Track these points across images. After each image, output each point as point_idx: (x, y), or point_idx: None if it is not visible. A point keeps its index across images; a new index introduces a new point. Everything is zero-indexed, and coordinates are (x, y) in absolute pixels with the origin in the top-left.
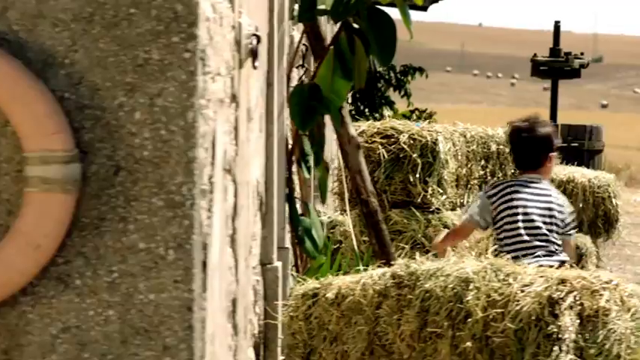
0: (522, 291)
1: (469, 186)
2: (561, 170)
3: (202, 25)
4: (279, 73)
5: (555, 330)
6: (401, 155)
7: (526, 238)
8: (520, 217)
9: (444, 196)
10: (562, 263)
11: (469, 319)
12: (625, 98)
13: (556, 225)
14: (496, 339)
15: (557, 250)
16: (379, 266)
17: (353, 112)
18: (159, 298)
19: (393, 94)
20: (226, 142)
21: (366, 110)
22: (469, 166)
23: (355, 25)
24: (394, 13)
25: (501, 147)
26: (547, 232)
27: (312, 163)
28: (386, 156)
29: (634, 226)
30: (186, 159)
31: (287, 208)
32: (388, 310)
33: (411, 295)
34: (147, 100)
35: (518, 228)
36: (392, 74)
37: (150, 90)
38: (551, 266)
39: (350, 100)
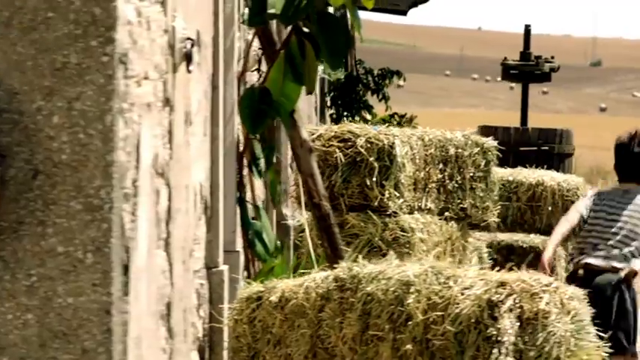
0: (462, 294)
1: (427, 189)
2: (531, 174)
3: (122, 29)
4: (228, 76)
5: (495, 333)
6: (358, 159)
7: (600, 240)
8: (604, 222)
9: (401, 200)
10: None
11: (410, 322)
12: (624, 102)
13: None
14: (436, 342)
15: (631, 256)
16: (323, 269)
17: (333, 117)
18: (77, 302)
19: (371, 99)
20: (158, 146)
21: (345, 114)
22: (427, 169)
23: (305, 30)
24: (377, 16)
25: (460, 150)
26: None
27: (263, 166)
28: (343, 160)
29: None
30: (104, 162)
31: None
32: (331, 314)
33: (353, 298)
34: (65, 103)
35: (599, 230)
36: (370, 78)
37: (68, 94)
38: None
39: (329, 104)
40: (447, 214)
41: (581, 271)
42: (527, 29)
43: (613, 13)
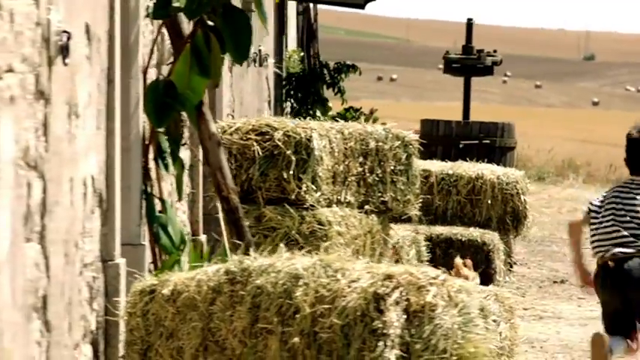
0: (349, 287)
1: (346, 183)
2: (471, 167)
3: None
4: (132, 70)
5: (380, 325)
6: (275, 152)
7: (618, 230)
8: (616, 212)
9: (319, 193)
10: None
11: (297, 315)
12: (616, 96)
13: None
14: (323, 335)
15: None
16: (216, 262)
17: (288, 111)
18: None
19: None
20: (28, 139)
21: (302, 109)
22: (347, 162)
23: (211, 23)
24: (371, 9)
25: (380, 144)
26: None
27: (169, 160)
28: (260, 153)
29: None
30: None
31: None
32: (221, 306)
33: (243, 291)
34: None
35: (613, 221)
36: (325, 72)
37: None
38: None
39: (285, 97)
40: (367, 207)
41: (611, 263)
42: (470, 23)
43: (607, 7)
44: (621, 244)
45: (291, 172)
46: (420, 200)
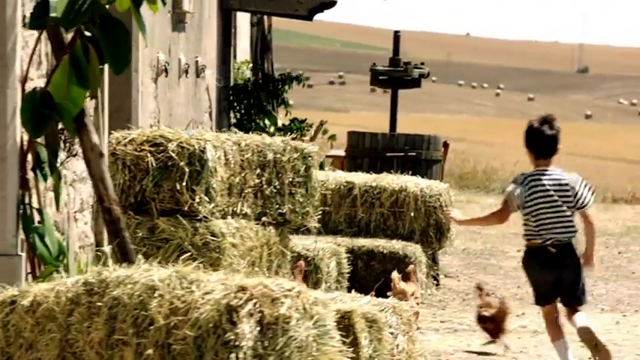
0: (203, 298)
1: (243, 194)
2: (394, 179)
3: None
4: (9, 79)
5: (233, 337)
6: (169, 163)
7: (549, 216)
8: (544, 199)
9: (212, 204)
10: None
11: (152, 327)
12: (609, 109)
13: (569, 201)
14: (177, 346)
15: (570, 222)
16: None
17: (232, 122)
18: None
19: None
20: None
21: (246, 120)
22: (243, 174)
23: (88, 33)
24: (363, 21)
25: (278, 156)
26: (564, 209)
27: (47, 170)
28: (154, 164)
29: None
30: None
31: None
32: (79, 318)
33: (101, 302)
34: None
35: (542, 208)
36: (270, 84)
37: None
38: (565, 241)
39: (229, 109)
40: (264, 219)
41: (553, 249)
42: (397, 36)
43: (601, 20)
44: (555, 231)
45: (185, 184)
46: (320, 212)
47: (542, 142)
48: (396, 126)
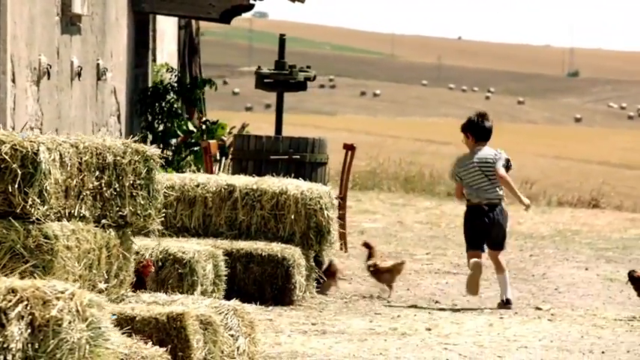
0: None
1: (81, 197)
2: (276, 182)
3: None
4: None
5: (1, 340)
6: (2, 166)
7: (480, 182)
8: (473, 170)
9: (46, 207)
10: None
11: None
12: (599, 112)
13: (491, 170)
14: None
15: (497, 187)
16: None
17: (143, 125)
18: None
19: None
20: None
21: (157, 122)
22: (81, 176)
23: None
24: (356, 25)
25: (118, 158)
26: (490, 177)
27: None
28: None
29: (430, 239)
30: None
31: None
32: None
33: None
34: None
35: (473, 177)
36: (181, 86)
37: None
38: (495, 199)
39: (138, 112)
40: (104, 221)
41: (486, 207)
42: (282, 39)
43: (592, 24)
44: (485, 194)
45: (17, 186)
46: (163, 214)
47: (481, 131)
48: (282, 129)
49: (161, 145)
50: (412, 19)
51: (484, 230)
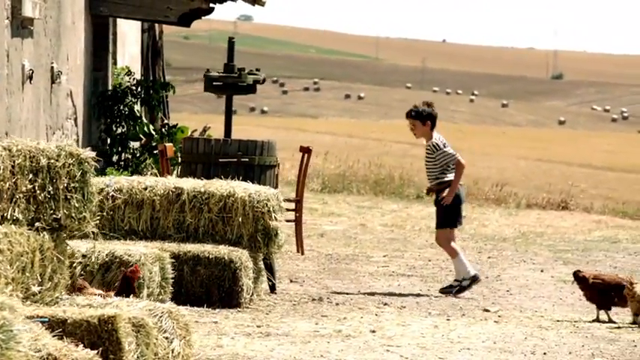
0: None
1: (14, 200)
2: (223, 185)
3: None
4: None
5: None
6: None
7: (427, 168)
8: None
9: None
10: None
11: None
12: (583, 115)
13: (432, 159)
14: None
15: (436, 175)
16: None
17: (102, 128)
18: None
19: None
20: None
21: (115, 126)
22: (14, 180)
23: None
24: (341, 27)
25: (52, 161)
26: (430, 164)
27: None
28: None
29: (390, 242)
30: None
31: None
32: None
33: None
34: None
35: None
36: (140, 89)
37: None
38: (441, 185)
39: (96, 115)
40: (38, 224)
41: (443, 192)
42: (232, 42)
43: (576, 26)
44: (431, 178)
45: None
46: (98, 217)
47: (435, 119)
48: (231, 131)
49: (120, 149)
50: (397, 22)
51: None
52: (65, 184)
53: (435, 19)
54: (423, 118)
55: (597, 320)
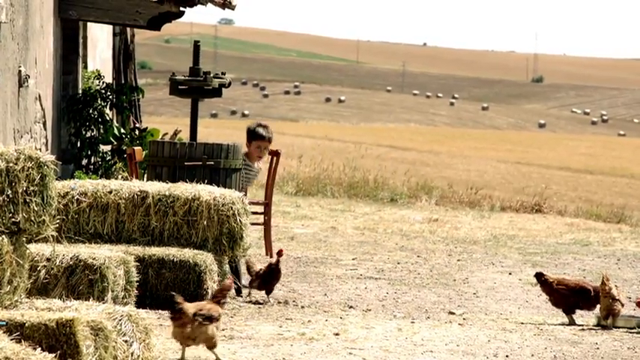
0: None
1: None
2: (189, 188)
3: None
4: None
5: None
6: None
7: None
8: None
9: None
10: None
11: None
12: (563, 118)
13: None
14: None
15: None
16: None
17: (71, 131)
18: None
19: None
20: None
21: (83, 129)
22: None
23: None
24: (323, 31)
25: (11, 165)
26: None
27: None
28: None
29: (360, 244)
30: None
31: None
32: None
33: None
34: None
35: None
36: (109, 93)
37: None
38: None
39: (66, 119)
40: None
41: None
42: (197, 45)
43: (556, 30)
44: None
45: None
46: (58, 221)
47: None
48: (197, 135)
49: (89, 152)
50: (377, 26)
51: None
52: (24, 188)
53: (416, 22)
54: (268, 141)
55: (573, 324)
